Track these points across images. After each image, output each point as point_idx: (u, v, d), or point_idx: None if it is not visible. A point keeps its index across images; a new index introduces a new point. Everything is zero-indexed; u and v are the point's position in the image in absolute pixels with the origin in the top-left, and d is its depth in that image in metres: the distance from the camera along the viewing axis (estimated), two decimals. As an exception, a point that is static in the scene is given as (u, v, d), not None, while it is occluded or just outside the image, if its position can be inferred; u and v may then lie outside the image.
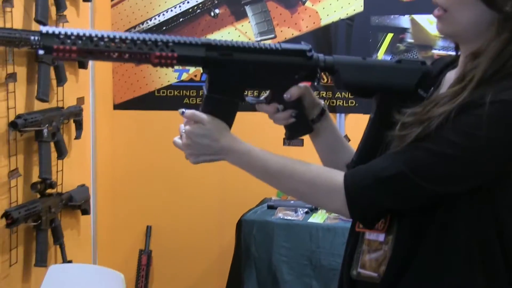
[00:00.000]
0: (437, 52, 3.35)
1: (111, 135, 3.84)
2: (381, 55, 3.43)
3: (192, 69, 3.69)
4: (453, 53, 1.37)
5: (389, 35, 3.42)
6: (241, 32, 3.62)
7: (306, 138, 1.49)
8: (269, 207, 3.29)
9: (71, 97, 3.23)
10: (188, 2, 3.69)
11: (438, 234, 1.20)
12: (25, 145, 2.89)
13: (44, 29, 1.15)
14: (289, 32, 3.55)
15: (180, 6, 3.71)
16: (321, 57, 1.33)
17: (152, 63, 1.21)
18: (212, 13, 3.67)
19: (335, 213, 2.88)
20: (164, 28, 3.73)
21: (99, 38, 1.17)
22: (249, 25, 3.61)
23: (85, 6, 3.46)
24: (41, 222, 2.84)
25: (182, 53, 1.23)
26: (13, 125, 2.67)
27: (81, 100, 3.32)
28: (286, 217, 3.12)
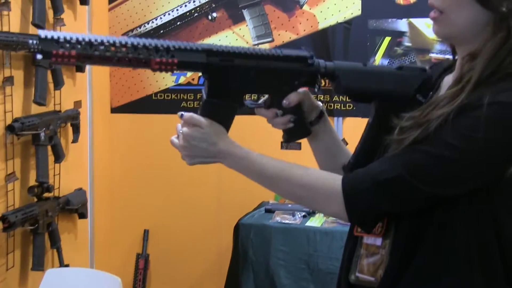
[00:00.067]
0: (434, 55, 3.35)
1: (108, 138, 3.84)
2: (378, 58, 3.43)
3: (189, 73, 3.69)
4: (450, 56, 1.37)
5: (387, 39, 3.42)
6: (238, 36, 3.62)
7: (304, 143, 1.49)
8: (267, 210, 3.28)
9: (68, 100, 3.23)
10: (185, 6, 3.69)
11: (436, 235, 1.20)
12: (22, 148, 2.88)
13: (42, 33, 1.11)
14: (286, 35, 3.55)
15: (177, 10, 3.71)
16: (322, 63, 1.32)
17: (152, 68, 1.20)
18: (210, 17, 3.67)
19: (333, 217, 2.88)
20: (162, 31, 3.73)
21: (99, 43, 1.14)
22: (246, 29, 3.61)
23: (82, 10, 3.45)
24: (38, 226, 2.84)
25: (182, 59, 1.21)
26: (10, 129, 2.66)
27: (78, 104, 3.32)
28: (283, 221, 3.11)
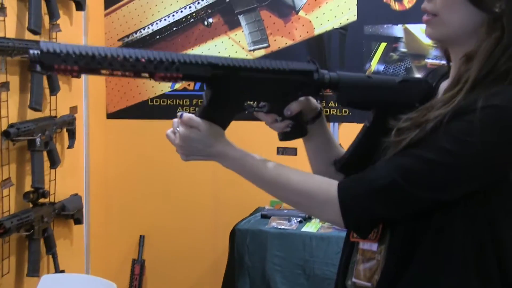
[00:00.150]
0: (430, 61, 3.36)
1: (104, 144, 3.83)
2: (374, 64, 3.43)
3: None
4: (446, 62, 1.38)
5: (383, 44, 3.43)
6: (234, 41, 3.62)
7: (300, 148, 1.49)
8: (263, 216, 3.28)
9: (64, 106, 3.23)
10: (181, 12, 3.70)
11: (432, 239, 1.20)
12: (18, 154, 2.88)
13: (44, 46, 1.08)
14: (282, 41, 3.56)
15: (173, 16, 3.71)
16: (326, 74, 1.31)
17: (156, 80, 1.19)
18: (206, 23, 3.67)
19: (329, 223, 2.88)
20: (158, 37, 3.73)
21: (103, 57, 1.11)
22: (242, 34, 3.61)
23: (78, 15, 3.45)
24: (33, 232, 2.83)
25: (187, 72, 1.19)
26: (6, 134, 2.66)
27: (74, 109, 3.31)
28: (279, 226, 3.11)
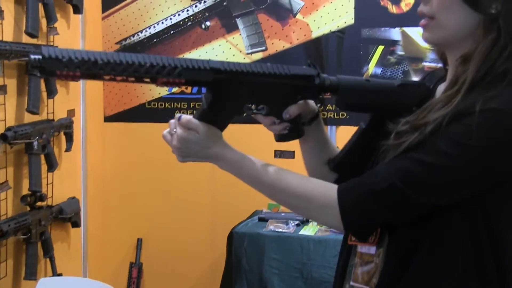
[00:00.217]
0: (427, 64, 3.36)
1: (101, 147, 3.83)
2: (372, 67, 3.44)
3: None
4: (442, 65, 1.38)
5: (380, 48, 3.43)
6: (232, 45, 3.63)
7: (298, 151, 1.49)
8: (260, 219, 3.28)
9: (61, 109, 3.23)
10: (179, 15, 3.70)
11: (432, 241, 1.19)
12: (15, 157, 2.88)
13: (46, 52, 1.07)
14: (280, 44, 3.56)
15: (171, 19, 3.71)
16: (326, 78, 1.32)
17: (158, 85, 1.19)
18: (203, 26, 3.67)
19: (328, 227, 2.88)
20: (155, 40, 3.73)
21: (105, 62, 1.11)
22: (240, 38, 3.61)
23: (75, 18, 3.46)
24: (31, 235, 2.83)
25: (189, 78, 1.19)
26: (3, 138, 2.66)
27: (71, 112, 3.31)
28: (277, 230, 3.11)
